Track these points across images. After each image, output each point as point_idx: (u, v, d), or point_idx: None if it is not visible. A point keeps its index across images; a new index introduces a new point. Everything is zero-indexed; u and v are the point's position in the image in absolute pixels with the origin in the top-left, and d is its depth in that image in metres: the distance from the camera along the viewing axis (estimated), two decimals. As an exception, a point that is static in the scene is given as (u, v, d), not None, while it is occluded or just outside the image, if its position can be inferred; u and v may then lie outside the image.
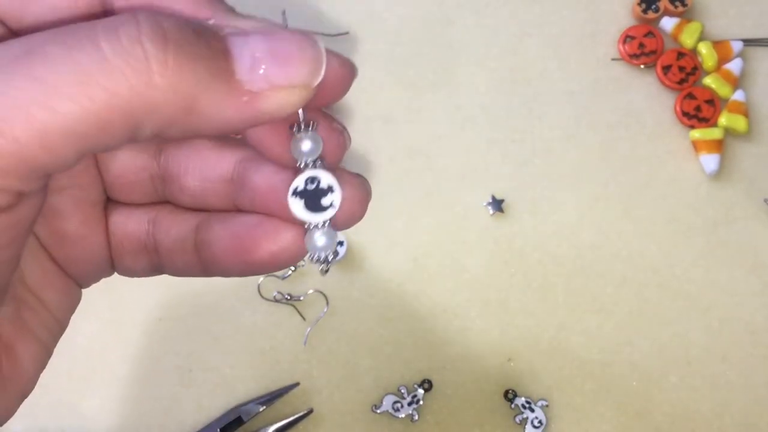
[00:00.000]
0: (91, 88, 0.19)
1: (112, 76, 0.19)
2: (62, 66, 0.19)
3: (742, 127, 0.49)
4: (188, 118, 0.20)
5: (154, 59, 0.19)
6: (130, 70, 0.19)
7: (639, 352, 0.47)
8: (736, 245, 0.49)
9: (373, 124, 0.50)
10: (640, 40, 0.51)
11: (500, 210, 0.49)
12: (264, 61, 0.21)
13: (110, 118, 0.19)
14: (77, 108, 0.19)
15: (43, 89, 0.19)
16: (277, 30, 0.23)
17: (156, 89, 0.19)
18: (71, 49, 0.19)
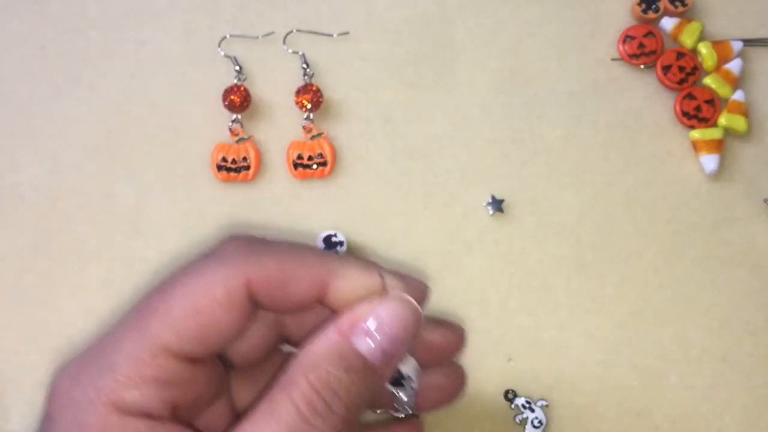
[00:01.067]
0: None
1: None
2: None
3: (742, 128, 0.49)
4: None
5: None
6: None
7: (639, 352, 0.47)
8: (736, 245, 0.49)
9: (373, 124, 0.50)
10: (639, 40, 0.51)
11: (500, 210, 0.49)
12: (384, 347, 0.30)
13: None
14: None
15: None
16: (381, 312, 0.30)
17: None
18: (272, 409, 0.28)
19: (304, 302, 0.30)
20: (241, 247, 0.31)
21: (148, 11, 0.52)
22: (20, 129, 0.50)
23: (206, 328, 0.29)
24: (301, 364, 0.28)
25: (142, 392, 0.27)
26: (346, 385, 0.28)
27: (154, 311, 0.29)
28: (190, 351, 0.29)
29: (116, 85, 0.51)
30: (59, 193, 0.49)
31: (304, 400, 0.27)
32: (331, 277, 0.30)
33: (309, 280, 0.30)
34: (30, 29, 0.52)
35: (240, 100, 0.49)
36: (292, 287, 0.30)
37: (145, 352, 0.28)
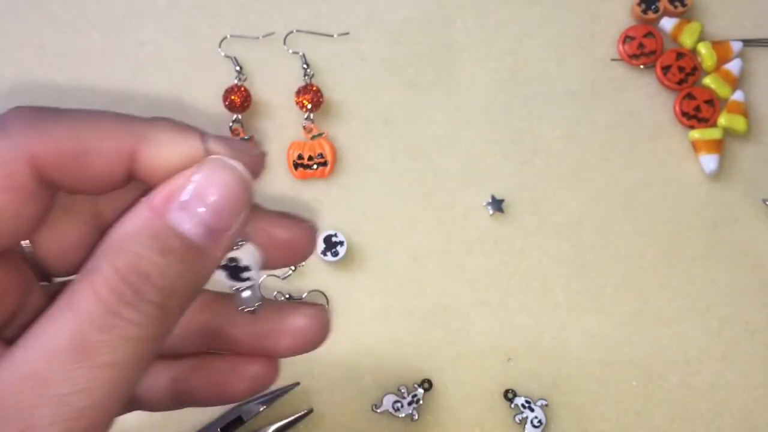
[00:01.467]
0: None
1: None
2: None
3: (742, 128, 0.49)
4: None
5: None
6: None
7: (638, 351, 0.47)
8: (736, 245, 0.49)
9: (373, 124, 0.50)
10: (639, 40, 0.51)
11: (500, 210, 0.49)
12: (209, 222, 0.24)
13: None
14: None
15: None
16: (199, 179, 0.25)
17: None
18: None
19: (108, 178, 0.25)
20: (24, 117, 0.25)
21: (149, 11, 0.52)
22: (21, 129, 0.50)
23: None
24: (105, 249, 0.23)
25: None
26: (161, 268, 0.23)
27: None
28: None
29: (117, 85, 0.51)
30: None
31: (108, 288, 0.22)
32: (140, 143, 0.25)
33: (111, 148, 0.25)
34: (31, 29, 0.52)
35: (240, 101, 0.49)
36: (91, 159, 0.24)
37: None
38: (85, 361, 0.21)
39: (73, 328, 0.22)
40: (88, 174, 0.25)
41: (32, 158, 0.24)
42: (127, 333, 0.22)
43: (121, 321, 0.22)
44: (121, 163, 0.25)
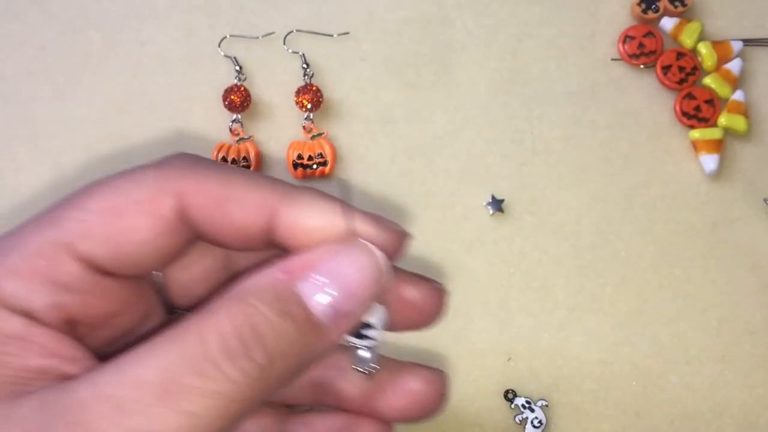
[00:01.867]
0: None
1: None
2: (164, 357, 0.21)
3: (742, 127, 0.49)
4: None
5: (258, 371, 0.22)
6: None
7: (638, 351, 0.47)
8: (736, 245, 0.49)
9: (373, 124, 0.50)
10: (639, 40, 0.51)
11: (500, 210, 0.49)
12: (336, 303, 0.24)
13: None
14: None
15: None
16: (338, 259, 0.24)
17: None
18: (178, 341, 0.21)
19: (248, 232, 0.25)
20: (182, 159, 0.26)
21: (149, 11, 0.52)
22: (21, 129, 0.50)
23: (123, 235, 0.24)
24: (227, 297, 0.23)
25: (28, 287, 0.23)
26: (275, 331, 0.22)
27: (69, 205, 0.25)
28: (101, 257, 0.24)
29: (117, 85, 0.51)
30: (60, 194, 0.49)
31: (217, 334, 0.21)
32: (283, 204, 0.25)
33: (255, 202, 0.25)
34: (30, 30, 0.52)
35: (240, 100, 0.49)
36: (234, 209, 0.24)
37: (45, 245, 0.24)
38: (169, 402, 0.20)
39: (167, 364, 0.21)
40: (228, 223, 0.25)
41: (181, 194, 0.24)
42: (220, 387, 0.21)
43: (217, 372, 0.21)
44: (262, 220, 0.25)
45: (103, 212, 0.24)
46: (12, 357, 0.22)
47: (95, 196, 0.25)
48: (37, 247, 0.24)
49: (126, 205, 0.24)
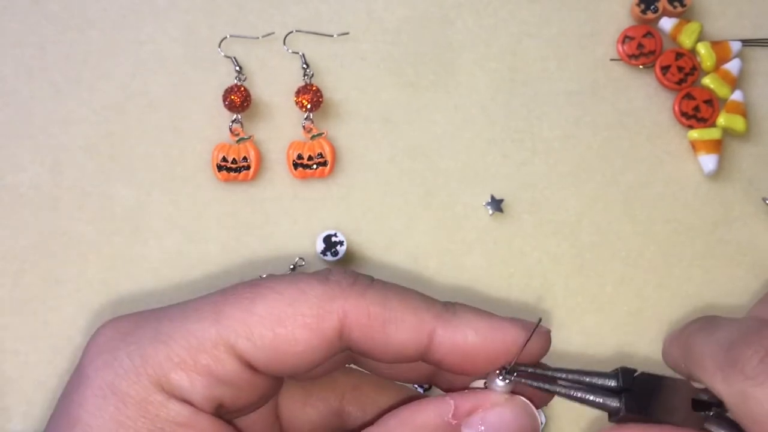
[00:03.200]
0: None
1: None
2: None
3: (741, 128, 0.49)
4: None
5: None
6: None
7: (638, 351, 0.47)
8: (735, 245, 0.49)
9: (373, 124, 0.50)
10: (638, 40, 0.51)
11: (499, 210, 0.49)
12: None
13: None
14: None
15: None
16: (501, 414, 0.26)
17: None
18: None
19: (405, 351, 0.26)
20: (346, 276, 0.27)
21: (149, 11, 0.52)
22: (21, 129, 0.50)
23: (284, 345, 0.25)
24: (389, 425, 0.25)
25: (192, 380, 0.24)
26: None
27: (234, 303, 0.26)
28: (256, 362, 0.26)
29: (116, 85, 0.51)
30: (59, 193, 0.49)
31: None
32: (439, 324, 0.26)
33: (413, 324, 0.26)
34: (30, 29, 0.52)
35: (240, 100, 0.49)
36: (394, 331, 0.26)
37: (209, 341, 0.25)
38: None
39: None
40: (387, 342, 0.26)
41: (344, 315, 0.26)
42: None
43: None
44: (420, 340, 0.26)
45: (269, 320, 0.25)
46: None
47: (262, 300, 0.26)
48: (201, 341, 0.25)
49: (291, 318, 0.25)
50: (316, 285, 0.26)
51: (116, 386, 0.24)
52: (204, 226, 0.49)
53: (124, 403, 0.24)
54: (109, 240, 0.49)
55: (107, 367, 0.25)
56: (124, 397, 0.24)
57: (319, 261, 0.48)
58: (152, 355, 0.25)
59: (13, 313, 0.48)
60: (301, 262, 0.48)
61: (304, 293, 0.26)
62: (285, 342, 0.25)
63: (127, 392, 0.24)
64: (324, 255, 0.47)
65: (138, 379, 0.24)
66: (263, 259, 0.48)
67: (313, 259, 0.48)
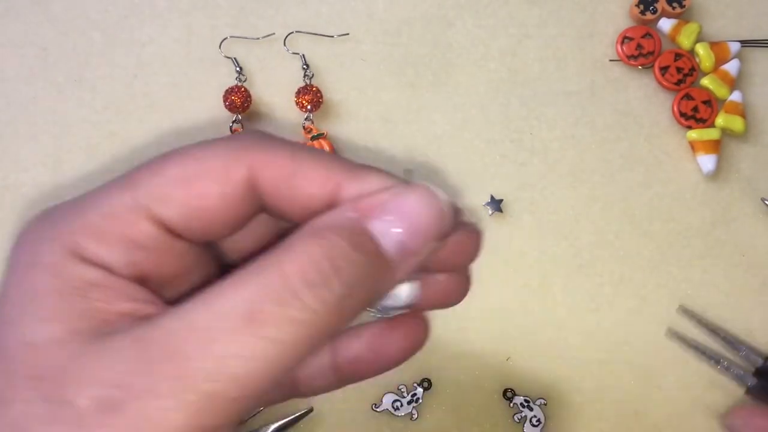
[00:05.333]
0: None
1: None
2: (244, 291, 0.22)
3: (739, 128, 0.49)
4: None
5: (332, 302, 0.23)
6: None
7: (637, 351, 0.47)
8: (734, 245, 0.49)
9: (373, 124, 0.51)
10: (637, 41, 0.51)
11: (499, 210, 0.49)
12: (403, 239, 0.25)
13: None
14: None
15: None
16: (404, 199, 0.26)
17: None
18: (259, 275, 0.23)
19: (312, 204, 0.26)
20: (254, 134, 0.27)
21: (150, 12, 0.52)
22: (23, 129, 0.51)
23: (196, 200, 0.25)
24: (302, 233, 0.24)
25: (108, 245, 0.25)
26: (352, 262, 0.23)
27: (145, 171, 0.26)
28: (174, 221, 0.25)
29: (118, 85, 0.51)
30: (61, 193, 0.50)
31: (297, 267, 0.22)
32: (347, 178, 0.26)
33: (321, 176, 0.26)
34: (32, 30, 0.52)
35: (241, 101, 0.49)
36: (303, 183, 0.26)
37: (122, 207, 0.25)
38: (254, 330, 0.22)
39: (250, 296, 0.22)
40: (295, 196, 0.26)
41: (252, 166, 0.26)
42: (301, 315, 0.22)
43: (297, 301, 0.22)
44: (327, 192, 0.26)
45: (178, 178, 0.25)
46: (97, 302, 0.24)
47: (171, 163, 0.26)
48: (115, 208, 0.25)
49: (200, 173, 0.26)
50: (223, 142, 0.26)
51: (34, 258, 0.25)
52: (204, 226, 0.49)
53: (37, 269, 0.24)
54: (110, 240, 0.49)
55: (27, 243, 0.25)
56: (40, 266, 0.24)
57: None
58: (67, 225, 0.25)
59: (15, 312, 0.48)
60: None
61: (212, 150, 0.26)
62: (197, 197, 0.25)
63: (43, 261, 0.24)
64: (324, 255, 0.47)
65: (52, 248, 0.24)
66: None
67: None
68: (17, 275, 0.25)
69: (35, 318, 0.23)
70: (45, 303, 0.23)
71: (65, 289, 0.24)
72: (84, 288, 0.24)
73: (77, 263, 0.24)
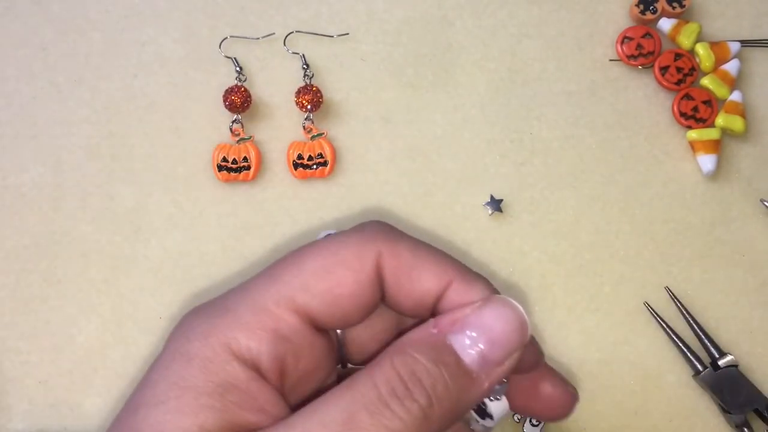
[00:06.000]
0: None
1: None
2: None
3: (739, 128, 0.49)
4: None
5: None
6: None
7: (637, 351, 0.47)
8: (733, 245, 0.49)
9: (373, 124, 0.51)
10: (637, 41, 0.51)
11: (499, 210, 0.49)
12: (484, 352, 0.27)
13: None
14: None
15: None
16: (485, 313, 0.28)
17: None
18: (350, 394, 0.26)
19: (424, 298, 0.29)
20: (379, 226, 0.30)
21: (149, 12, 0.52)
22: (22, 130, 0.51)
23: (334, 290, 0.28)
24: (390, 350, 0.27)
25: (258, 340, 0.27)
26: (432, 375, 0.26)
27: (285, 267, 0.28)
28: (316, 309, 0.28)
29: (117, 85, 0.51)
30: (61, 193, 0.50)
31: (384, 379, 0.25)
32: (458, 279, 0.29)
33: (437, 273, 0.29)
34: (32, 30, 0.52)
35: (241, 101, 0.49)
36: (420, 276, 0.29)
37: (271, 301, 0.28)
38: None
39: (347, 405, 0.25)
40: (412, 288, 0.29)
41: (378, 256, 0.29)
42: (391, 424, 0.25)
43: (387, 411, 0.25)
44: (440, 289, 0.29)
45: (317, 270, 0.28)
46: (231, 404, 0.26)
47: (309, 256, 0.29)
48: (263, 303, 0.28)
49: (336, 264, 0.28)
50: (353, 235, 0.29)
51: (185, 349, 0.27)
52: (204, 226, 0.49)
53: (189, 362, 0.26)
54: (110, 240, 0.49)
55: (181, 337, 0.27)
56: (191, 357, 0.26)
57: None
58: (220, 321, 0.27)
59: (15, 312, 0.48)
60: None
61: (344, 243, 0.29)
62: (336, 285, 0.28)
63: (195, 353, 0.26)
64: (324, 255, 0.47)
65: (206, 342, 0.27)
66: (263, 259, 0.48)
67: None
68: (167, 362, 0.27)
69: (174, 409, 0.25)
70: (186, 396, 0.26)
71: (208, 386, 0.26)
72: (225, 387, 0.26)
73: (230, 359, 0.26)
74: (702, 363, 0.46)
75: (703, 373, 0.46)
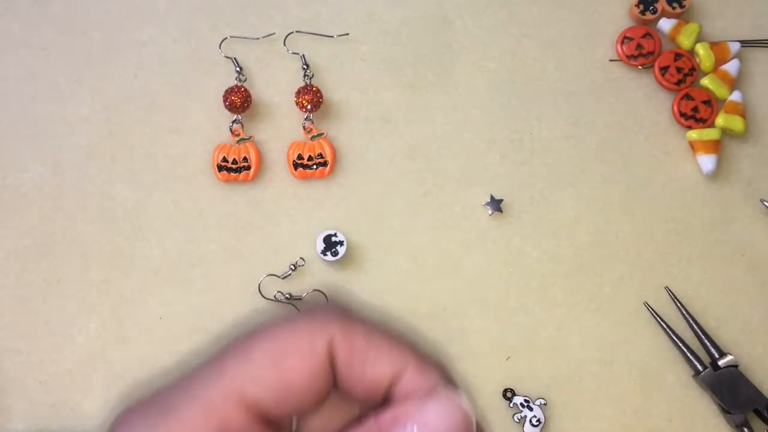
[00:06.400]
0: None
1: None
2: None
3: (739, 128, 0.49)
4: None
5: None
6: None
7: (636, 350, 0.47)
8: (733, 244, 0.49)
9: (373, 124, 0.51)
10: (637, 41, 0.51)
11: (499, 210, 0.49)
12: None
13: None
14: None
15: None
16: (426, 409, 0.27)
17: None
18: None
19: (378, 385, 0.28)
20: (331, 310, 0.29)
21: (150, 13, 0.52)
22: (23, 130, 0.51)
23: (285, 379, 0.27)
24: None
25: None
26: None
27: (231, 359, 0.27)
28: (266, 402, 0.27)
29: (118, 85, 0.51)
30: (61, 193, 0.50)
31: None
32: (412, 366, 0.28)
33: (390, 360, 0.28)
34: (32, 31, 0.52)
35: (240, 101, 0.49)
36: (373, 363, 0.28)
37: (217, 396, 0.26)
38: None
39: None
40: (363, 376, 0.28)
41: (331, 342, 0.27)
42: None
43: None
44: (391, 377, 0.28)
45: (267, 360, 0.27)
46: None
47: (257, 345, 0.27)
48: (209, 399, 0.27)
49: (286, 351, 0.27)
50: (304, 320, 0.28)
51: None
52: (204, 226, 0.49)
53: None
54: (110, 239, 0.49)
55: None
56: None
57: (319, 261, 0.48)
58: (161, 422, 0.26)
59: (15, 312, 0.48)
60: (301, 262, 0.48)
61: (294, 330, 0.28)
62: (287, 373, 0.27)
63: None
64: (324, 255, 0.47)
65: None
66: (263, 259, 0.48)
67: (313, 259, 0.48)
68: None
69: None
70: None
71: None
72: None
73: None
74: (702, 363, 0.46)
75: (703, 373, 0.46)
